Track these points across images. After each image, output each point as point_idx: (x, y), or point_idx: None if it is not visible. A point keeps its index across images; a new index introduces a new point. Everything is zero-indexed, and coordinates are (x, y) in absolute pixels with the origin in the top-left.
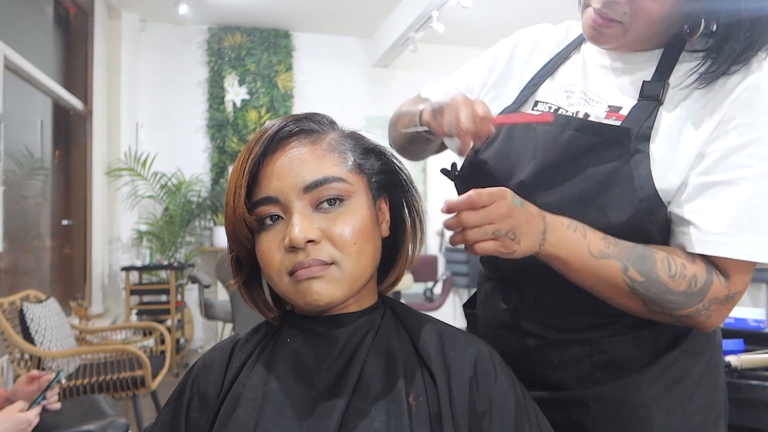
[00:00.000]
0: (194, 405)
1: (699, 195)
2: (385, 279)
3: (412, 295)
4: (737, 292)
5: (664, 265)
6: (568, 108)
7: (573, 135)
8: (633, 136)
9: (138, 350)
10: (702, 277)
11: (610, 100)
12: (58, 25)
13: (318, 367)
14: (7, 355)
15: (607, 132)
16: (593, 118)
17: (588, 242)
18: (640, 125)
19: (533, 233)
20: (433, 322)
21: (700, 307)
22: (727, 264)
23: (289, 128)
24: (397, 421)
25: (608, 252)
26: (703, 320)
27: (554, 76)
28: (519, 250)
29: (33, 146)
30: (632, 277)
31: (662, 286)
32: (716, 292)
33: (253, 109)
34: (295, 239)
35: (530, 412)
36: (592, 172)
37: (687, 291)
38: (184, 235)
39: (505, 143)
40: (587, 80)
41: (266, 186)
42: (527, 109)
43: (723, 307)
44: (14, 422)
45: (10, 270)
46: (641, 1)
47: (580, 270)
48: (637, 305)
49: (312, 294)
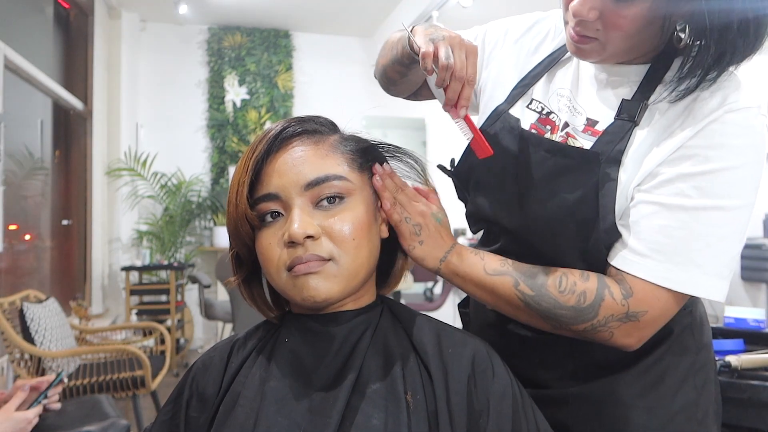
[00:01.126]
0: (193, 404)
1: (636, 211)
2: (384, 280)
3: (412, 295)
4: (641, 311)
5: (555, 281)
6: (558, 113)
7: (543, 156)
8: (603, 160)
9: (138, 350)
10: (592, 293)
11: (590, 112)
12: (58, 25)
13: (316, 365)
14: (7, 355)
15: (576, 155)
16: (571, 129)
17: (484, 263)
18: (612, 148)
19: (436, 246)
20: (431, 321)
21: (596, 323)
22: (635, 283)
23: (292, 128)
24: (395, 419)
25: (502, 269)
26: (605, 336)
27: (551, 76)
28: (417, 251)
29: (33, 146)
30: (523, 291)
31: (552, 300)
32: (610, 309)
33: (253, 109)
34: (294, 234)
35: (527, 410)
36: (564, 198)
37: (576, 306)
38: (184, 235)
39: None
40: (577, 88)
41: (268, 183)
42: (522, 106)
43: (626, 325)
44: (13, 422)
45: (10, 270)
46: (611, 18)
47: (477, 285)
48: (538, 320)
49: (309, 289)
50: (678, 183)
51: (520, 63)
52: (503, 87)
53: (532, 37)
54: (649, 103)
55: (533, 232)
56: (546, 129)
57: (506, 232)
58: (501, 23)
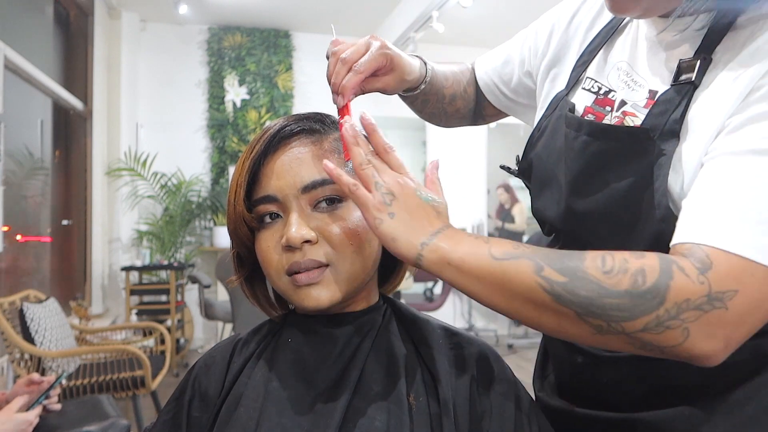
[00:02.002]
0: (195, 404)
1: (699, 177)
2: (386, 280)
3: (412, 295)
4: (729, 291)
5: (595, 261)
6: (617, 90)
7: (586, 141)
8: (656, 136)
9: (138, 350)
10: (654, 270)
11: (651, 83)
12: (58, 25)
13: (319, 366)
14: (7, 355)
15: (622, 135)
16: (630, 107)
17: (490, 246)
18: (665, 119)
19: (416, 226)
20: (434, 322)
21: (663, 314)
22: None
23: (290, 128)
24: (398, 421)
25: (516, 252)
26: (676, 338)
27: (609, 48)
28: (384, 227)
29: (33, 146)
30: (549, 278)
31: (595, 285)
32: (683, 290)
33: (253, 109)
34: (292, 239)
35: (531, 413)
36: (614, 188)
37: (633, 290)
38: (184, 235)
39: (551, 138)
40: (635, 56)
41: (266, 185)
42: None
43: (709, 317)
44: (14, 423)
45: (10, 270)
46: None
47: (480, 277)
48: (573, 322)
49: (311, 300)
50: (750, 127)
51: (577, 42)
52: (564, 72)
53: (587, 10)
54: (713, 56)
55: (586, 230)
56: (606, 111)
57: (561, 231)
58: (552, 11)
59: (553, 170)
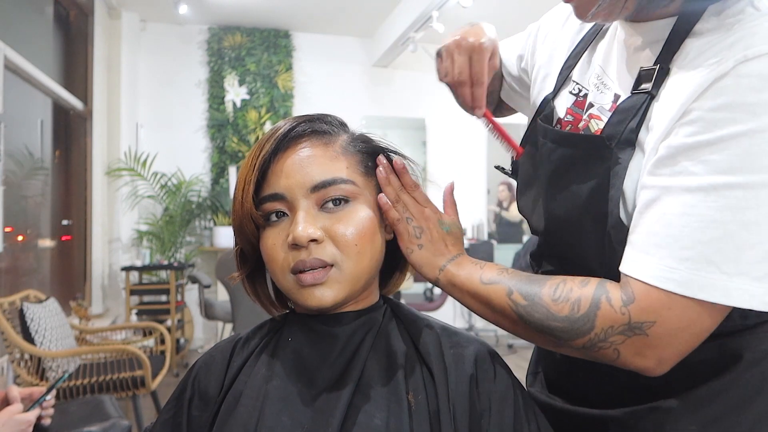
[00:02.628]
0: (195, 403)
1: (639, 200)
2: (388, 280)
3: (412, 295)
4: (646, 323)
5: (551, 288)
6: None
7: (551, 148)
8: (613, 144)
9: (138, 350)
10: (587, 299)
11: (617, 87)
12: (58, 25)
13: (319, 365)
14: (7, 355)
15: (581, 142)
16: (597, 110)
17: (482, 272)
18: (623, 128)
19: (437, 254)
20: (433, 322)
21: (594, 337)
22: (637, 287)
23: (301, 128)
24: (397, 418)
25: (497, 278)
26: (610, 355)
27: (592, 51)
28: (415, 256)
29: (33, 146)
30: (515, 300)
31: (544, 310)
32: (608, 318)
33: (253, 109)
34: (299, 237)
35: (529, 411)
36: (574, 193)
37: (570, 316)
38: (184, 235)
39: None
40: (609, 60)
41: (274, 183)
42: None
43: (633, 341)
44: (15, 423)
45: (10, 270)
46: None
47: (473, 296)
48: (535, 336)
49: (314, 299)
50: (679, 158)
51: (567, 45)
52: (552, 75)
53: None
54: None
55: (555, 233)
56: (583, 113)
57: (539, 233)
58: (552, 11)
59: (530, 174)
